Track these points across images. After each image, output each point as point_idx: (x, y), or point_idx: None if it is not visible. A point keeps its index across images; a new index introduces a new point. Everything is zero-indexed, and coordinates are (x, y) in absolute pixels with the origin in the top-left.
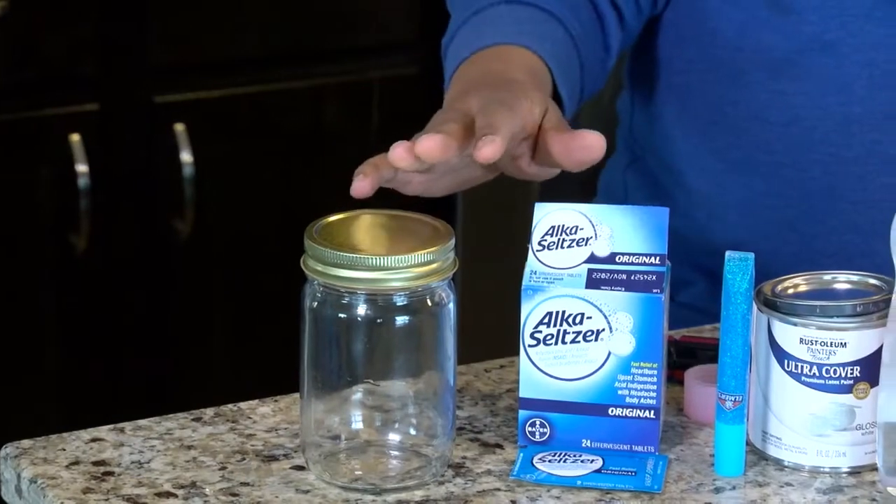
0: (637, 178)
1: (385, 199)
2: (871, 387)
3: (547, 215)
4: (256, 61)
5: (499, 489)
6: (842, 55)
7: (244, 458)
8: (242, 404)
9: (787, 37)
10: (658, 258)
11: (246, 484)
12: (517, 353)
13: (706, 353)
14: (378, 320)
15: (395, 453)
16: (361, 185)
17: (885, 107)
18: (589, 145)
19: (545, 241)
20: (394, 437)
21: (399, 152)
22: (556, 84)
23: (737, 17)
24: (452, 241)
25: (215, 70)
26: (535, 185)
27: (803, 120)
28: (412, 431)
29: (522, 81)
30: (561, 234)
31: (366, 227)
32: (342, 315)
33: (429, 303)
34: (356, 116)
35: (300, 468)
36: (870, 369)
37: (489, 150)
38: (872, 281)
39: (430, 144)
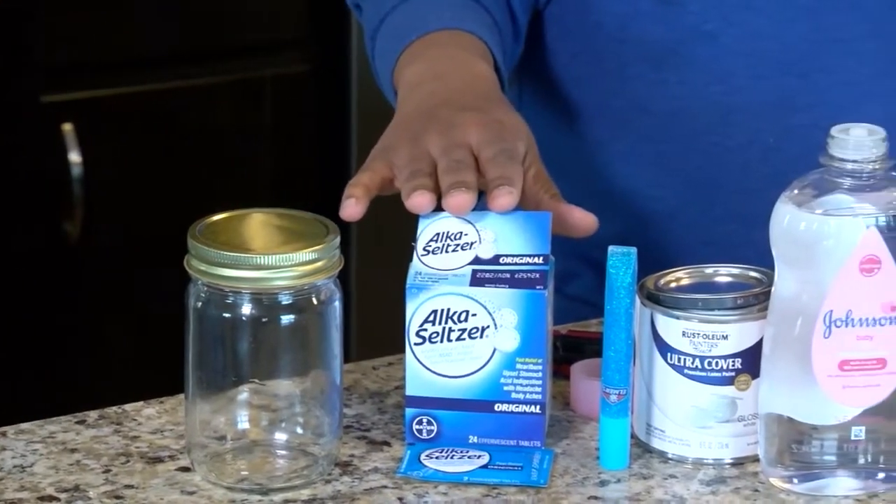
0: None
1: (278, 197)
2: (753, 378)
3: (431, 223)
4: (146, 60)
5: (386, 487)
6: (723, 45)
7: (128, 461)
8: (127, 406)
9: (669, 28)
10: (541, 258)
11: (130, 486)
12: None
13: (592, 347)
14: (263, 319)
15: (282, 453)
16: (354, 210)
17: (765, 96)
18: (584, 227)
19: (430, 246)
20: (280, 437)
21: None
22: (500, 73)
23: (619, 10)
24: (337, 239)
25: (104, 69)
26: None
27: (685, 110)
28: (299, 430)
29: (501, 100)
30: (445, 240)
31: (250, 225)
32: (227, 315)
33: (314, 301)
34: (248, 115)
35: (186, 469)
36: (751, 361)
37: (507, 199)
38: (753, 274)
39: (421, 202)
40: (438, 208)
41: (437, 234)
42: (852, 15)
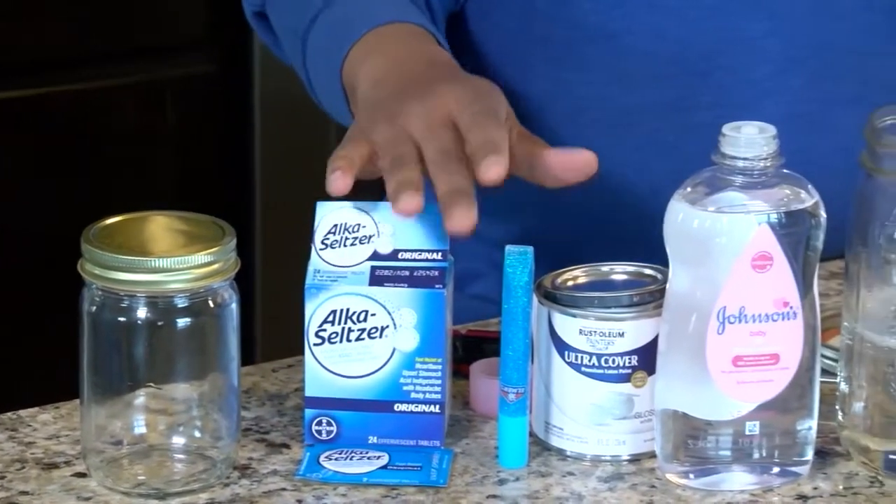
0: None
1: (182, 199)
2: (649, 375)
3: (328, 214)
4: (46, 63)
5: (285, 489)
6: (624, 45)
7: (24, 467)
8: (22, 412)
9: (570, 27)
10: (440, 254)
11: (25, 493)
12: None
13: (492, 346)
14: (159, 323)
15: (180, 457)
16: (342, 183)
17: (667, 96)
18: (585, 166)
19: (328, 239)
20: (178, 441)
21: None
22: None
23: (518, 10)
24: (233, 242)
25: (3, 72)
26: None
27: (587, 110)
28: (197, 434)
29: (469, 74)
30: (343, 233)
31: (145, 228)
32: (122, 319)
33: (211, 304)
34: (150, 117)
35: (82, 475)
36: (647, 358)
37: (496, 170)
38: (648, 271)
39: (410, 207)
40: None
41: (335, 225)
42: (753, 14)
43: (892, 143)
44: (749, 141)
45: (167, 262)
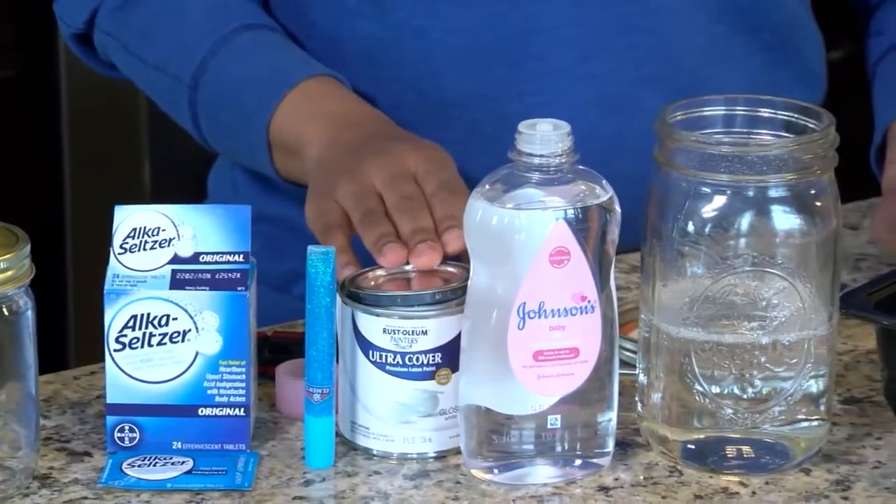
0: (246, 174)
1: None
2: (453, 372)
3: (127, 218)
4: None
5: (86, 498)
6: (433, 40)
7: None
8: None
9: (379, 25)
10: (242, 256)
11: None
12: None
13: (299, 347)
14: None
15: None
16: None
17: (480, 88)
18: None
19: (126, 243)
20: None
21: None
22: None
23: (330, 8)
24: (27, 248)
25: None
26: (145, 186)
27: (403, 106)
28: None
29: (412, 135)
30: (143, 237)
31: None
32: None
33: (5, 311)
34: None
35: None
36: (450, 355)
37: (457, 245)
38: (451, 269)
39: (395, 259)
40: (162, 200)
41: (134, 229)
42: (558, 3)
43: (684, 138)
44: (544, 138)
45: None
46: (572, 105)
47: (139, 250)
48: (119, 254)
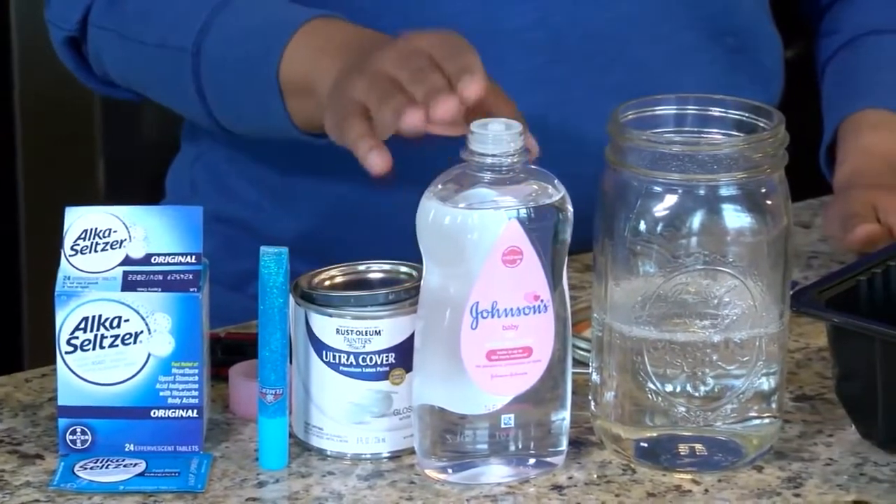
0: (204, 173)
1: None
2: (407, 372)
3: (78, 219)
4: None
5: (38, 501)
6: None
7: None
8: None
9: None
10: (194, 257)
11: None
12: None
13: (253, 348)
14: None
15: None
16: (383, 160)
17: None
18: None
19: (78, 245)
20: None
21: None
22: None
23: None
24: None
25: None
26: (100, 187)
27: None
28: None
29: None
30: (94, 238)
31: None
32: None
33: None
34: None
35: None
36: (404, 355)
37: (475, 88)
38: (404, 269)
39: (416, 121)
40: (116, 200)
41: (85, 230)
42: (520, 6)
43: (635, 137)
44: (496, 138)
45: None
46: (531, 108)
47: (90, 252)
48: (70, 255)
